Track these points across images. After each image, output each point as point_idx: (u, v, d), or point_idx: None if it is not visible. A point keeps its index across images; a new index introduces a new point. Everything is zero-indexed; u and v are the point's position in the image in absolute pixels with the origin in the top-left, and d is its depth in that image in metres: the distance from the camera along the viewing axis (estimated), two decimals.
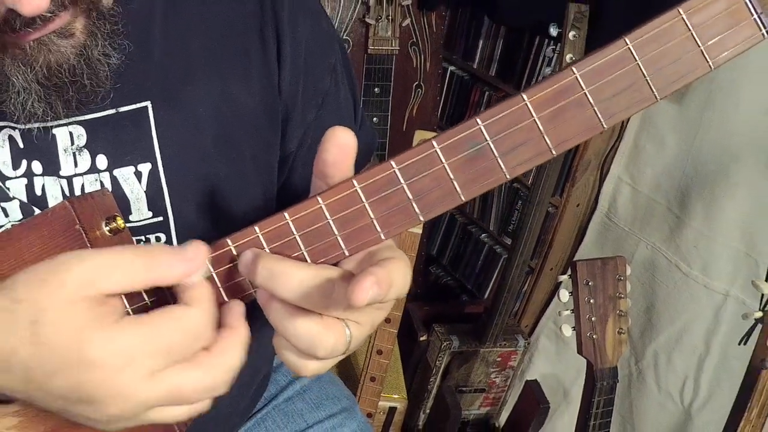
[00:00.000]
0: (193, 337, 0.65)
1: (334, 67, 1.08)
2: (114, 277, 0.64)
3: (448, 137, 0.64)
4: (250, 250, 0.67)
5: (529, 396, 2.19)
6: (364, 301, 0.58)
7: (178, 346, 0.64)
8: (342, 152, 0.65)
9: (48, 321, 0.62)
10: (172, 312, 0.65)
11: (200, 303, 0.66)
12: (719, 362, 2.10)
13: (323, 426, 1.29)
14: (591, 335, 1.55)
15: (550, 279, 2.58)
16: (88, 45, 0.79)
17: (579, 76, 0.62)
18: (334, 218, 0.66)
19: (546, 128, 0.63)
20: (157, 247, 0.66)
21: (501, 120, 0.63)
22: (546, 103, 0.63)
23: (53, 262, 0.64)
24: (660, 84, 0.63)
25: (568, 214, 2.44)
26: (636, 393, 2.32)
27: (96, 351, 0.62)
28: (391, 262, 0.63)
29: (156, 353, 0.63)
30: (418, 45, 2.61)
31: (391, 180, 0.65)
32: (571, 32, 1.91)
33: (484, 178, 0.64)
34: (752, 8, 0.62)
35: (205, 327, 0.66)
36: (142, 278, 0.64)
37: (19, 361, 0.62)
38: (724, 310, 2.07)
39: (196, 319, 0.65)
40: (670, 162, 2.15)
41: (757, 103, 1.88)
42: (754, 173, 1.94)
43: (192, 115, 0.95)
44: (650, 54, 0.62)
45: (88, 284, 0.63)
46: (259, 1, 0.99)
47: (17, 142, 0.88)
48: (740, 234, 2.01)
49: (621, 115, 0.63)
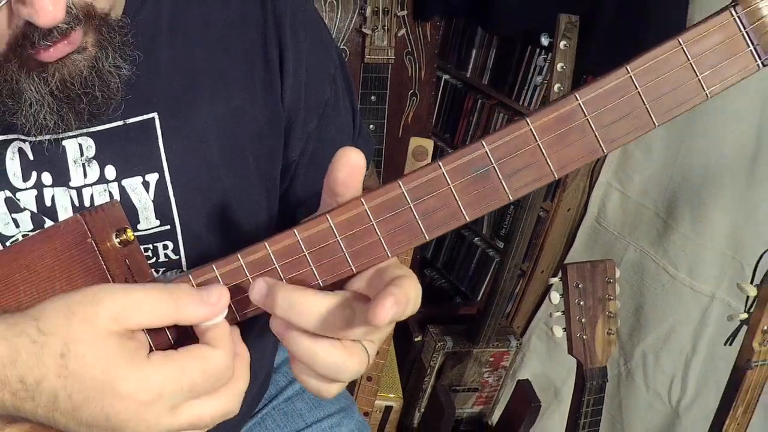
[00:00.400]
0: (217, 377, 0.67)
1: (333, 78, 1.09)
2: (142, 313, 0.65)
3: (454, 159, 0.64)
4: (262, 280, 0.66)
5: (521, 395, 2.19)
6: (385, 320, 0.59)
7: (202, 384, 0.66)
8: (352, 171, 0.65)
9: (78, 354, 0.63)
10: (199, 352, 0.66)
11: (224, 344, 0.67)
12: (706, 362, 2.11)
13: (322, 425, 1.29)
14: (581, 336, 1.56)
15: (541, 281, 2.59)
16: (99, 57, 0.79)
17: (582, 102, 0.63)
18: (343, 236, 0.66)
19: (549, 152, 0.63)
20: (183, 288, 0.67)
21: (506, 144, 0.63)
22: (549, 128, 0.63)
23: (83, 294, 0.65)
24: (658, 111, 0.63)
25: (559, 218, 2.44)
26: (625, 392, 2.33)
27: (128, 385, 0.63)
28: (404, 280, 0.64)
29: (182, 390, 0.65)
30: (413, 54, 2.60)
31: (398, 200, 0.65)
32: (562, 42, 1.92)
33: (488, 199, 0.65)
34: (749, 40, 0.62)
35: (226, 368, 0.68)
36: (168, 316, 0.66)
37: (47, 391, 0.63)
38: (711, 312, 2.08)
39: (220, 360, 0.67)
40: (658, 168, 2.16)
41: (741, 112, 1.89)
42: (739, 179, 1.96)
43: (197, 125, 0.96)
44: (650, 82, 0.62)
45: (118, 319, 0.64)
46: (261, 14, 0.99)
47: (27, 154, 0.89)
48: (726, 238, 2.02)
49: (621, 141, 0.64)
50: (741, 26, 0.61)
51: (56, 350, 0.63)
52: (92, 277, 0.70)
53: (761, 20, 0.61)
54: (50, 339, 0.63)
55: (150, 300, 0.65)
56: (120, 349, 0.64)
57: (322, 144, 1.10)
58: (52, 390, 0.63)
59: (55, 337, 0.63)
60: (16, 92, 0.77)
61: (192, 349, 0.67)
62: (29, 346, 0.63)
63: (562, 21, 1.92)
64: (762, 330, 1.40)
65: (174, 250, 0.98)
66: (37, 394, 0.63)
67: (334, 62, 1.10)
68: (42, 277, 0.70)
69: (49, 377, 0.63)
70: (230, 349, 0.68)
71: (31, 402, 0.64)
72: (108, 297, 0.65)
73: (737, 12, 0.61)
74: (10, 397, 0.64)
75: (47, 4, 0.68)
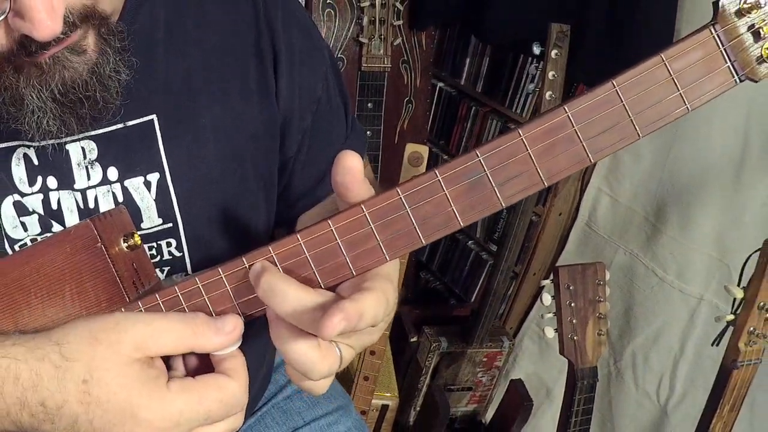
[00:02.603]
0: (232, 405, 0.69)
1: (325, 75, 1.10)
2: (163, 341, 0.67)
3: (449, 168, 0.65)
4: (260, 262, 0.68)
5: (514, 394, 2.19)
6: (332, 334, 0.60)
7: (217, 412, 0.68)
8: (349, 174, 0.66)
9: (102, 380, 0.64)
10: (216, 382, 0.68)
11: (239, 376, 0.70)
12: (693, 362, 2.12)
13: (320, 423, 1.30)
14: (572, 336, 1.57)
15: (533, 283, 2.58)
16: (100, 63, 0.79)
17: (570, 114, 0.64)
18: (343, 240, 0.67)
19: (539, 162, 0.65)
20: (200, 317, 0.69)
21: (498, 153, 0.65)
22: (540, 138, 0.65)
23: (104, 320, 0.67)
24: (643, 123, 0.64)
25: (551, 222, 2.45)
26: (615, 391, 2.33)
27: (148, 413, 0.65)
28: (366, 294, 0.65)
29: (198, 418, 0.67)
30: (408, 63, 2.61)
31: (396, 206, 0.66)
32: (554, 51, 1.93)
33: (482, 206, 0.66)
34: (727, 56, 0.64)
35: (242, 396, 0.70)
36: (186, 345, 0.68)
37: (67, 416, 0.64)
38: (698, 313, 2.09)
39: (235, 390, 0.69)
40: (647, 173, 2.16)
41: (728, 119, 1.90)
42: (725, 184, 1.97)
43: (195, 126, 0.97)
44: (635, 96, 0.64)
45: (140, 347, 0.66)
46: (254, 17, 1.00)
47: (32, 159, 0.90)
48: (713, 241, 2.03)
49: (607, 151, 0.65)
50: (720, 43, 0.64)
51: (79, 376, 0.64)
52: (101, 279, 0.71)
53: (738, 38, 0.63)
54: (74, 365, 0.64)
55: (170, 329, 0.67)
56: (142, 376, 0.65)
57: (316, 140, 1.12)
58: (72, 415, 0.64)
59: (79, 363, 0.64)
60: (18, 100, 0.77)
61: (209, 378, 0.69)
62: (51, 371, 0.64)
63: (554, 30, 1.93)
64: (748, 331, 1.41)
65: (177, 247, 0.99)
66: (57, 418, 0.64)
67: (325, 60, 1.11)
68: (52, 279, 0.71)
69: (71, 402, 0.64)
70: (245, 379, 0.70)
71: (50, 424, 0.65)
72: (131, 325, 0.66)
73: (716, 30, 0.64)
74: (29, 419, 0.65)
75: (45, 19, 0.67)
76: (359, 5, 2.33)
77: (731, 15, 0.64)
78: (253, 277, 0.68)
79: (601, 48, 2.10)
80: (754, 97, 1.85)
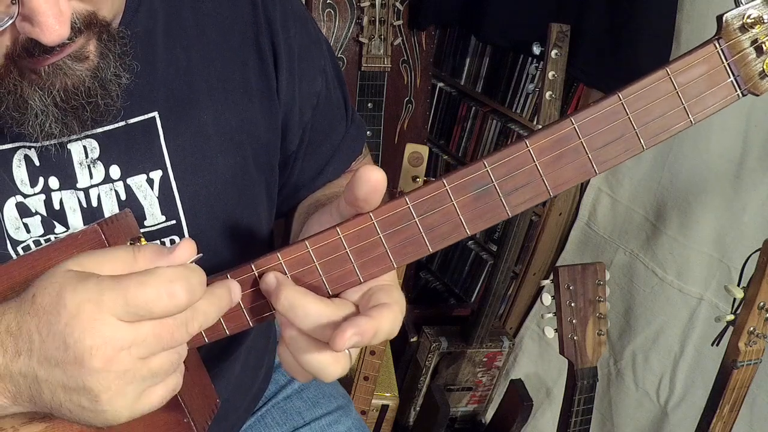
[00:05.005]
0: (139, 309, 0.64)
1: (324, 69, 1.11)
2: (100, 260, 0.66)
3: (457, 178, 0.66)
4: (273, 275, 0.69)
5: (514, 394, 2.19)
6: (343, 348, 0.62)
7: (134, 300, 0.63)
8: (373, 189, 0.66)
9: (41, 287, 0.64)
10: (139, 278, 0.64)
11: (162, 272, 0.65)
12: (693, 362, 2.12)
13: (320, 423, 1.30)
14: (572, 337, 1.57)
15: (533, 283, 2.58)
16: (101, 67, 0.80)
17: (576, 126, 0.65)
18: (352, 248, 0.68)
19: (545, 172, 0.66)
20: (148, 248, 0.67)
21: (506, 164, 0.66)
22: (546, 149, 0.65)
23: None
24: (647, 135, 0.65)
25: (551, 222, 2.45)
26: (615, 391, 2.33)
27: (74, 296, 0.62)
28: (382, 310, 0.66)
29: (124, 299, 0.63)
30: (408, 63, 2.61)
31: (404, 215, 0.67)
32: (554, 51, 1.95)
33: (489, 215, 0.67)
34: (731, 71, 0.65)
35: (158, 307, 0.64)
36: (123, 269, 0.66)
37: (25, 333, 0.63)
38: (698, 313, 2.09)
39: (148, 295, 0.63)
40: (647, 174, 2.16)
41: (728, 120, 1.90)
42: (725, 185, 1.97)
43: (196, 122, 0.97)
44: (640, 109, 0.65)
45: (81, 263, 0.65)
46: (252, 13, 1.01)
47: (33, 160, 0.89)
48: (713, 242, 2.03)
49: (612, 162, 0.66)
50: (723, 58, 0.65)
51: (30, 295, 0.64)
52: None
53: (741, 53, 0.64)
54: (27, 292, 0.65)
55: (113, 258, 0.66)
56: (74, 274, 0.64)
57: (317, 134, 1.12)
58: (28, 331, 0.63)
59: (31, 287, 0.65)
60: (22, 104, 0.77)
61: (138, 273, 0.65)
62: (12, 303, 0.65)
63: (554, 30, 1.94)
64: (748, 331, 1.42)
65: None
66: (21, 341, 0.63)
67: (324, 54, 1.12)
68: None
69: (26, 319, 0.63)
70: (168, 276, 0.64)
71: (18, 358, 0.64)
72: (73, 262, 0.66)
73: (720, 45, 0.64)
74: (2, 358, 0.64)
75: (53, 24, 0.68)
76: (359, 5, 2.34)
77: (735, 30, 0.65)
78: (267, 290, 0.69)
79: (601, 48, 2.10)
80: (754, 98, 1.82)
